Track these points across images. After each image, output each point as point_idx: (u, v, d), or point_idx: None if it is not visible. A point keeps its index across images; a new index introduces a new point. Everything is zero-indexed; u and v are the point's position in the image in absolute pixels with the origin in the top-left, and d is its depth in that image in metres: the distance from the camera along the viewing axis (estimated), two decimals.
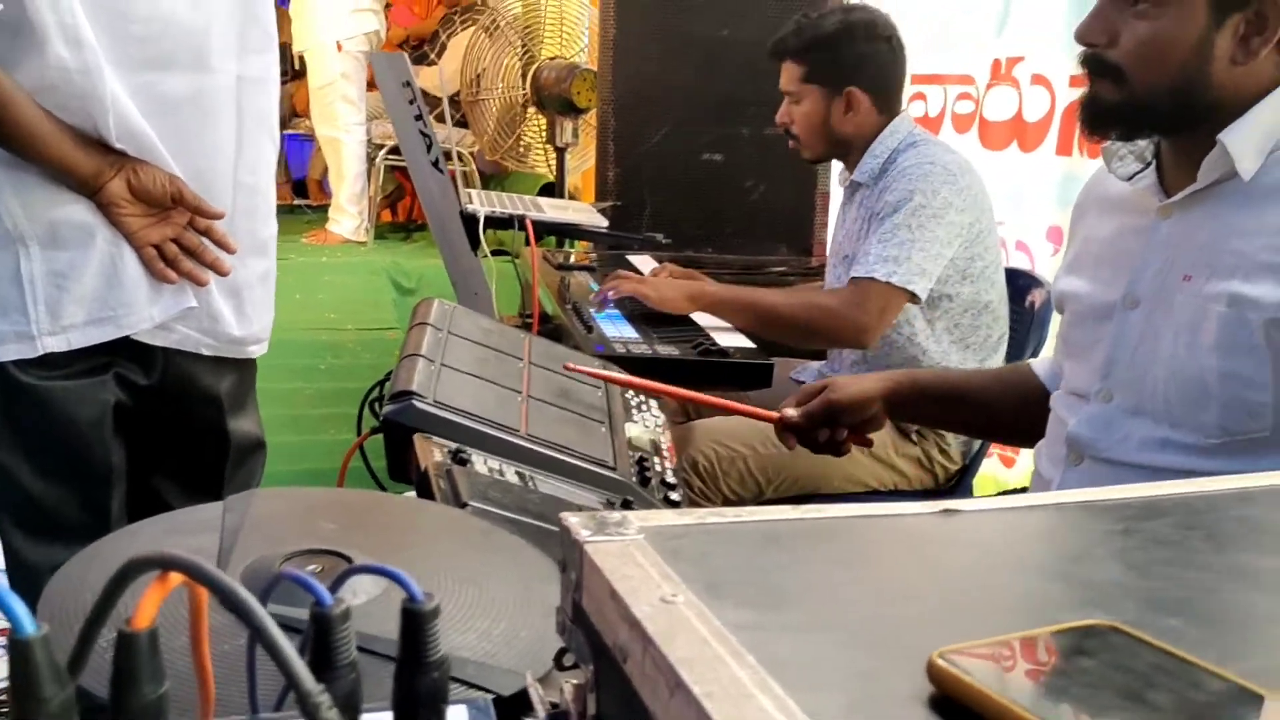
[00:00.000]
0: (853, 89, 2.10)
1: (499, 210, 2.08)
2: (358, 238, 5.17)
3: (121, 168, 1.39)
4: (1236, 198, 1.16)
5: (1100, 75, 1.19)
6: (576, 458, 1.27)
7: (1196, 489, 0.65)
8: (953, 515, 0.61)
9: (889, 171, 2.09)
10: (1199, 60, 1.14)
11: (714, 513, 0.60)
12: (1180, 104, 1.16)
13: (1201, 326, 1.16)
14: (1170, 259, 1.21)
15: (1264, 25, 1.12)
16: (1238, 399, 1.14)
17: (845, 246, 2.18)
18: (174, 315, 1.47)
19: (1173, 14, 1.13)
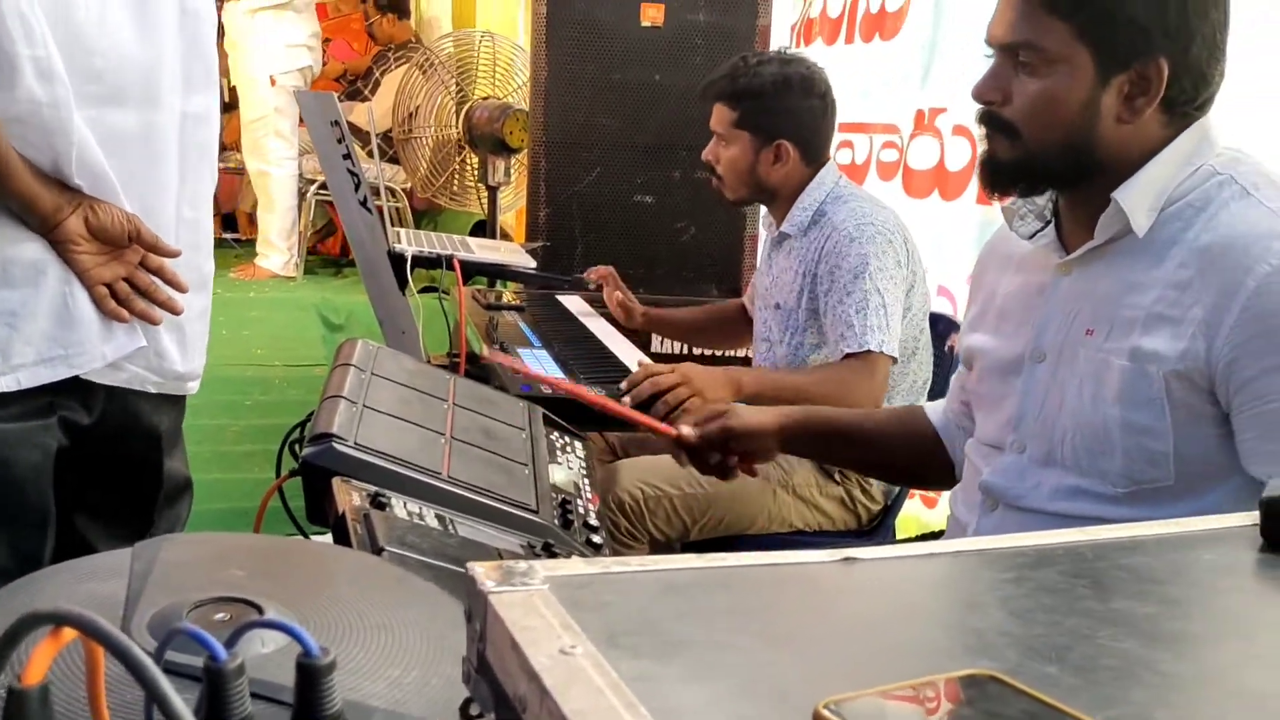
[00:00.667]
0: (783, 141, 2.13)
1: (427, 250, 2.09)
2: (287, 273, 5.12)
3: (79, 205, 1.37)
4: (1132, 253, 1.21)
5: (996, 132, 1.24)
6: (498, 500, 1.27)
7: (1087, 538, 0.68)
8: (853, 563, 0.63)
9: (819, 224, 2.12)
10: (1087, 118, 1.19)
11: (619, 562, 0.61)
12: (1071, 160, 1.21)
13: (1104, 379, 1.20)
14: (1072, 314, 1.25)
15: (1147, 86, 1.17)
16: (1140, 449, 1.18)
17: (775, 295, 2.21)
18: (125, 354, 1.45)
19: (1061, 73, 1.18)
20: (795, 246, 2.16)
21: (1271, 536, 0.66)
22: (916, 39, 2.80)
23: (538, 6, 2.91)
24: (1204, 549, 0.66)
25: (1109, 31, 1.16)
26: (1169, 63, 1.15)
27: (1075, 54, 1.17)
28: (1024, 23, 1.19)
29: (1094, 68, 1.17)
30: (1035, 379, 1.29)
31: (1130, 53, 1.16)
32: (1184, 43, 1.15)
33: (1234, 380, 1.13)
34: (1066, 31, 1.17)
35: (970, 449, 1.40)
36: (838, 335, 2.03)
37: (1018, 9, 1.19)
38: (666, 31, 2.92)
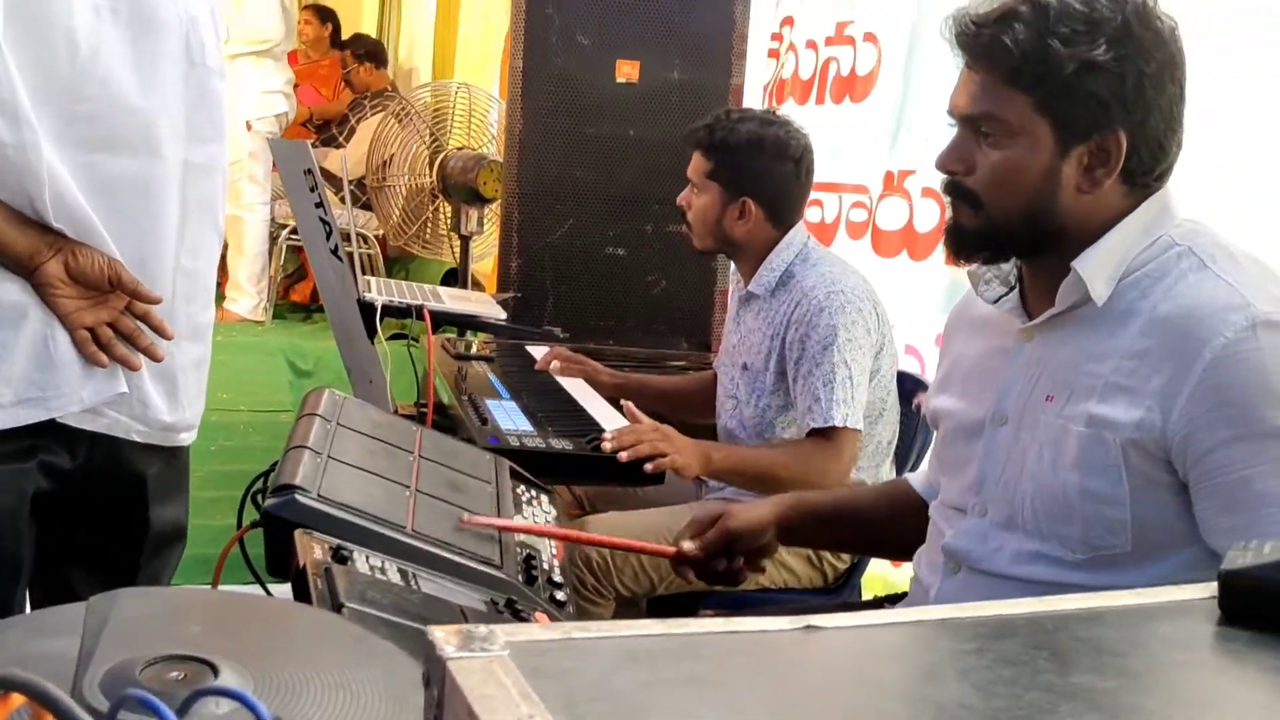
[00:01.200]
0: (748, 199, 2.14)
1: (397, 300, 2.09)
2: (255, 317, 5.10)
3: (60, 249, 1.37)
4: (1092, 321, 1.22)
5: (960, 201, 1.26)
6: (461, 555, 1.26)
7: (1048, 608, 0.68)
8: (814, 632, 0.63)
9: (788, 287, 2.13)
10: (1048, 188, 1.21)
11: (580, 627, 0.61)
12: (1032, 228, 1.23)
13: (1063, 445, 1.21)
14: (1033, 379, 1.27)
15: (1106, 158, 1.19)
16: (1098, 516, 1.19)
17: (742, 355, 2.21)
18: (105, 399, 1.44)
19: (1022, 145, 1.20)
20: (764, 307, 2.17)
21: (1230, 610, 0.67)
22: (886, 102, 2.84)
23: (514, 61, 2.94)
24: (1163, 622, 0.67)
25: (1068, 105, 1.18)
26: (1127, 135, 1.18)
27: (1035, 126, 1.19)
28: (985, 95, 1.21)
29: (1054, 139, 1.20)
30: (997, 442, 1.30)
31: (1089, 125, 1.18)
32: (1141, 115, 1.18)
33: (1191, 452, 1.14)
34: (1027, 104, 1.19)
35: (934, 511, 1.41)
36: (805, 408, 2.04)
37: (979, 82, 1.22)
38: (641, 87, 2.95)
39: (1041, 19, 1.17)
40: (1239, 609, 0.66)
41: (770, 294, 2.15)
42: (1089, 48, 1.15)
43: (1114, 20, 1.16)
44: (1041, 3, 1.17)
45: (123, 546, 1.57)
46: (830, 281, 2.07)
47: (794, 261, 2.14)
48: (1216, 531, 1.14)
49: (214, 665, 0.71)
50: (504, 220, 3.01)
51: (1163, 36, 1.18)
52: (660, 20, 2.93)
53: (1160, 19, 1.19)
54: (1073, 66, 1.16)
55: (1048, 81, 1.17)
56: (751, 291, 2.19)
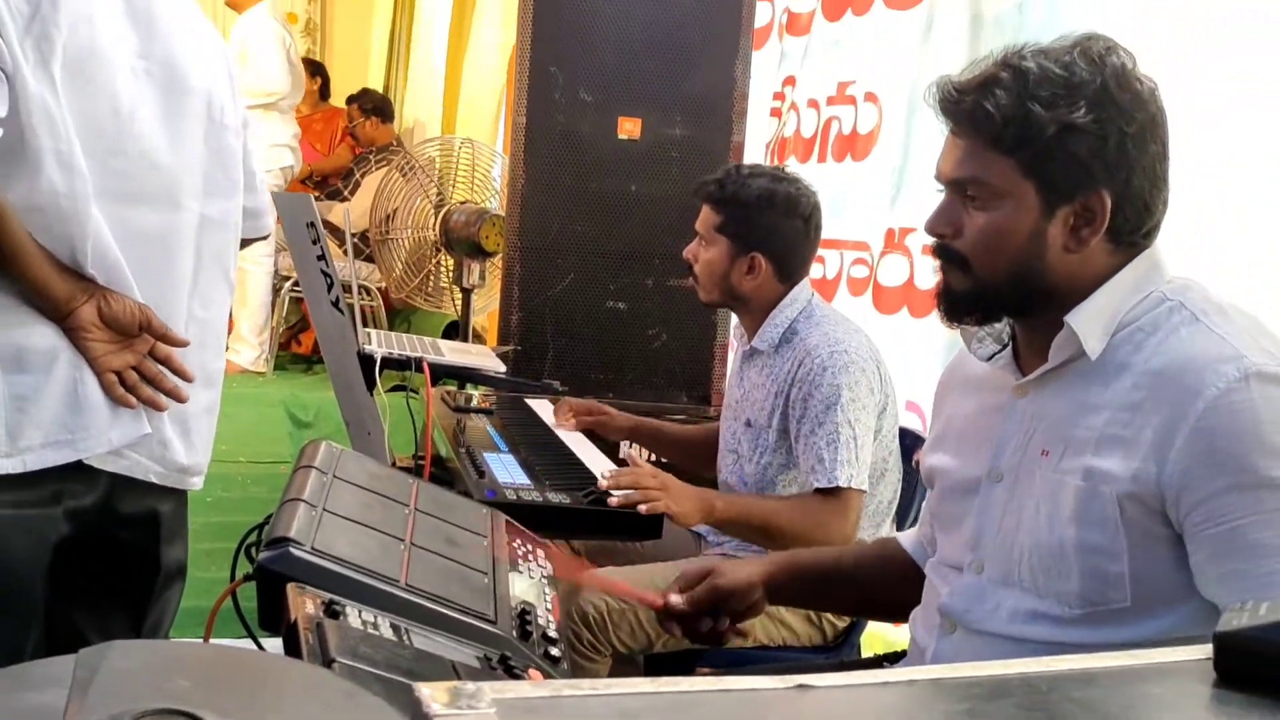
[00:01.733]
0: (757, 254, 2.14)
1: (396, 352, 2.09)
2: (257, 368, 5.10)
3: (93, 294, 1.43)
4: (1085, 376, 1.23)
5: (949, 263, 1.28)
6: (455, 610, 1.25)
7: (1042, 669, 0.68)
8: (807, 691, 0.62)
9: (791, 344, 2.13)
10: (1035, 248, 1.22)
11: (570, 684, 0.60)
12: (1021, 289, 1.24)
13: (1059, 500, 1.21)
14: (1028, 435, 1.27)
15: (1092, 218, 1.21)
16: (1096, 570, 1.19)
17: (745, 410, 2.20)
18: (130, 440, 1.49)
19: (1008, 207, 1.22)
20: (767, 363, 2.17)
21: (1225, 672, 0.66)
22: (887, 161, 2.87)
23: (518, 117, 2.97)
24: (1157, 683, 0.66)
25: (1052, 166, 1.19)
26: (1111, 195, 1.19)
27: (1020, 188, 1.21)
28: (970, 160, 1.23)
29: (1039, 201, 1.21)
30: (993, 499, 1.30)
31: (1073, 186, 1.20)
32: (1125, 175, 1.19)
33: (1185, 503, 1.14)
34: (1011, 167, 1.21)
35: (931, 570, 1.40)
36: (809, 467, 2.03)
37: (964, 147, 1.24)
38: (643, 144, 2.98)
39: (1021, 84, 1.18)
40: (1234, 671, 0.66)
41: (774, 350, 2.15)
42: (1069, 110, 1.17)
43: (1093, 83, 1.18)
44: (1021, 68, 1.19)
45: (132, 586, 1.60)
46: (834, 341, 2.07)
47: (798, 318, 2.15)
48: (1209, 581, 1.14)
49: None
50: (505, 274, 3.03)
51: (1142, 98, 1.20)
52: (662, 78, 2.97)
53: (1139, 80, 1.20)
54: (1054, 129, 1.17)
55: (1030, 144, 1.19)
56: (755, 347, 2.19)
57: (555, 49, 2.93)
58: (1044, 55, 1.20)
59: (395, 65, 7.46)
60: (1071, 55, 1.19)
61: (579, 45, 2.94)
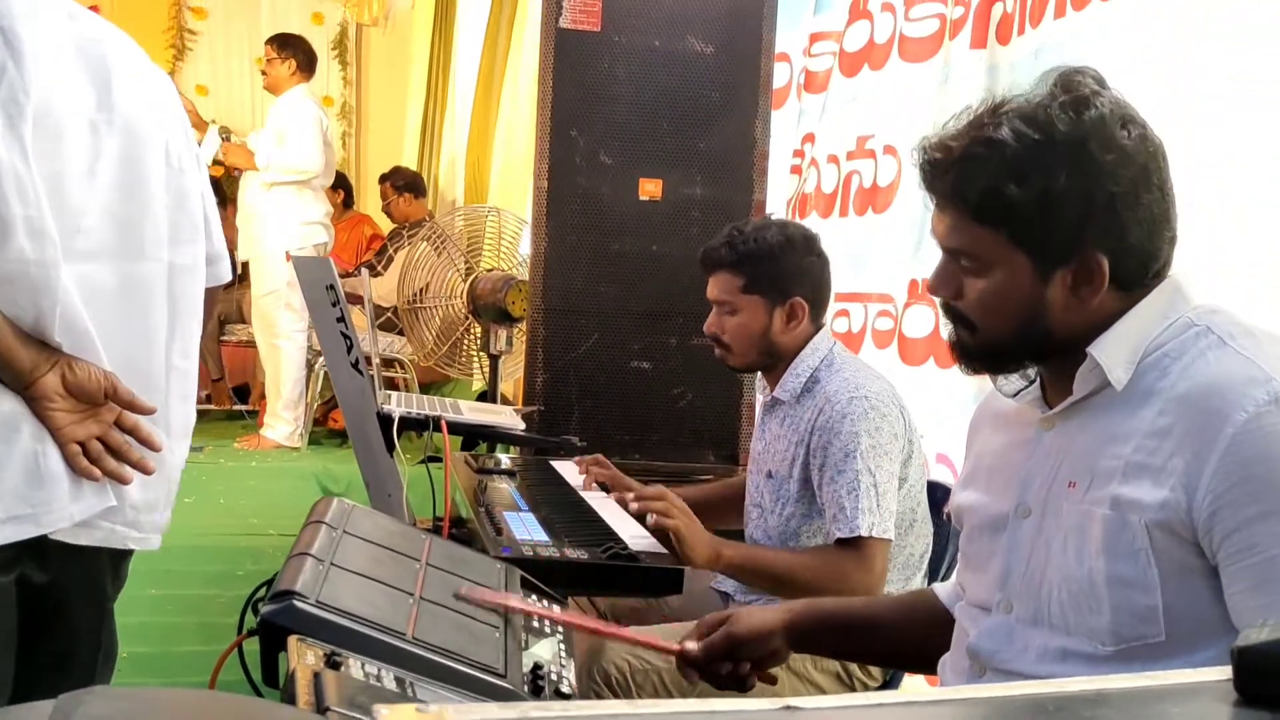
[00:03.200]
0: (797, 299, 2.12)
1: (415, 412, 2.08)
2: (291, 443, 5.12)
3: (56, 362, 1.38)
4: (1111, 405, 1.20)
5: (956, 323, 1.26)
6: (462, 663, 1.22)
7: (1051, 690, 0.64)
8: (795, 713, 0.59)
9: (813, 392, 2.10)
10: (1035, 309, 1.20)
11: (540, 706, 0.57)
12: (1030, 345, 1.23)
13: (1088, 532, 1.17)
14: (1055, 468, 1.24)
15: (1090, 277, 1.18)
16: (1127, 603, 1.14)
17: (767, 462, 2.17)
18: (94, 514, 1.43)
19: (1002, 274, 1.20)
20: (788, 414, 2.14)
21: (1245, 690, 0.62)
22: (908, 212, 2.85)
23: (539, 181, 3.00)
24: (1173, 703, 0.62)
25: (1038, 236, 1.17)
26: (1107, 254, 1.17)
27: (1010, 257, 1.19)
28: (956, 232, 1.21)
29: (1031, 268, 1.19)
30: (1021, 535, 1.26)
31: (1065, 250, 1.18)
32: (1118, 233, 1.17)
33: (1217, 532, 1.09)
34: (998, 239, 1.18)
35: (960, 612, 1.35)
36: (830, 517, 1.99)
37: (949, 219, 1.22)
38: (664, 205, 2.99)
39: (997, 157, 1.16)
40: (1255, 688, 0.61)
41: (796, 400, 2.12)
42: (1049, 181, 1.15)
43: (1073, 144, 1.15)
44: (996, 139, 1.16)
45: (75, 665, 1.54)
46: (854, 387, 2.04)
47: (819, 367, 2.12)
48: (1246, 613, 1.08)
49: None
50: (530, 336, 3.03)
51: (1129, 153, 1.16)
52: (682, 139, 2.99)
53: (1127, 129, 1.17)
54: (1034, 200, 1.15)
55: (1016, 215, 1.17)
56: (777, 398, 2.16)
57: (575, 112, 2.96)
58: (1020, 117, 1.17)
59: (429, 143, 7.60)
60: (1050, 110, 1.16)
61: (598, 108, 2.97)
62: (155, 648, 3.17)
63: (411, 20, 7.82)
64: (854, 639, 1.52)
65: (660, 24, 2.97)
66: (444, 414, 2.07)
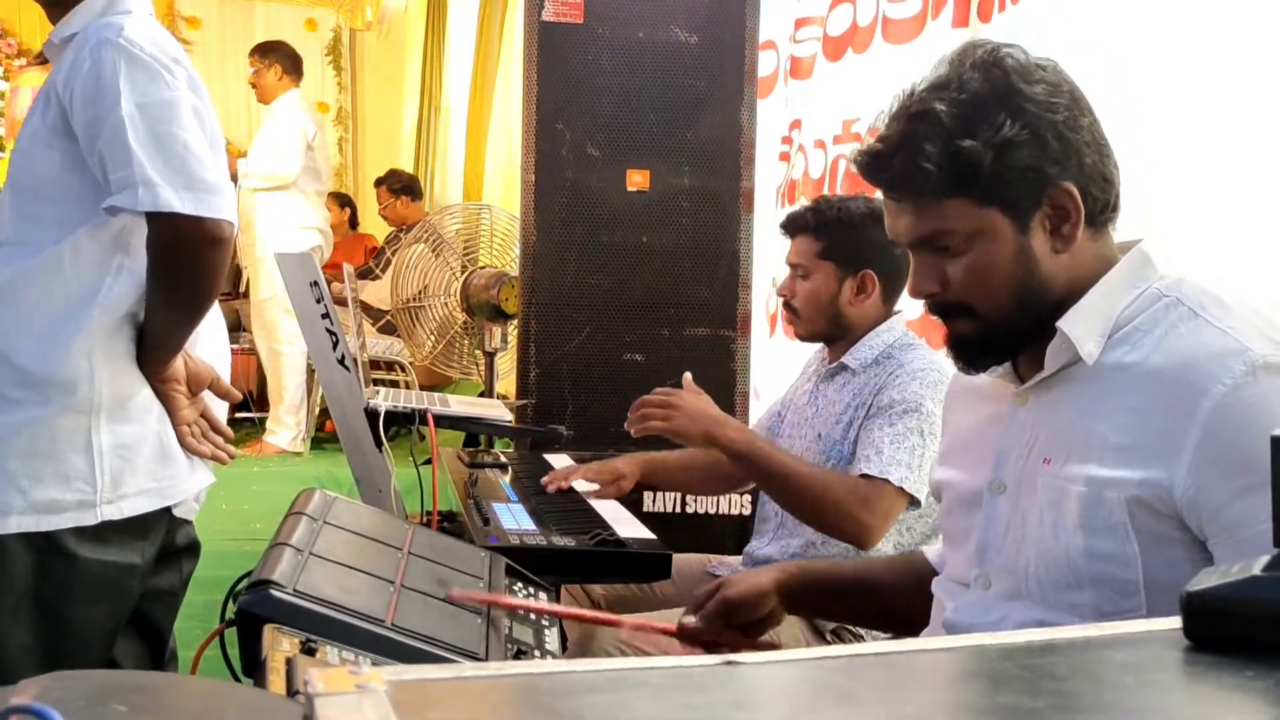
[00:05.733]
0: (868, 271, 2.10)
1: (401, 406, 2.08)
2: (294, 448, 5.13)
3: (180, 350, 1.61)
4: (1084, 379, 1.18)
5: (951, 316, 1.24)
6: (441, 648, 1.22)
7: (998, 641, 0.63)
8: (735, 667, 0.58)
9: (885, 365, 2.08)
10: (1026, 266, 1.19)
11: (478, 666, 0.57)
12: (1029, 312, 1.20)
13: (1063, 507, 1.16)
14: (1030, 443, 1.22)
15: (1066, 211, 1.17)
16: (1107, 577, 1.13)
17: (818, 425, 2.14)
18: (201, 489, 1.65)
19: (984, 241, 1.18)
20: (852, 380, 2.10)
21: (1194, 634, 0.61)
22: None
23: (526, 175, 2.99)
24: (1120, 650, 0.62)
25: (1007, 187, 1.17)
26: (1074, 183, 1.17)
27: (987, 219, 1.18)
28: (924, 217, 1.20)
29: (1009, 223, 1.18)
30: (997, 511, 1.25)
31: (1035, 194, 1.17)
32: (1076, 161, 1.17)
33: (1204, 509, 1.08)
34: (968, 205, 1.18)
35: (938, 587, 1.35)
36: (863, 455, 1.95)
37: (911, 206, 1.20)
38: (652, 195, 2.98)
39: (939, 128, 1.15)
40: (1204, 633, 0.61)
41: (864, 368, 2.09)
42: (995, 130, 1.14)
43: (1002, 92, 1.15)
44: (932, 112, 1.16)
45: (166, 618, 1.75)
46: (931, 362, 2.03)
47: (895, 344, 2.10)
48: None
49: None
50: (521, 330, 3.02)
51: (1052, 82, 1.17)
52: (668, 129, 2.98)
53: (1041, 67, 1.17)
54: (991, 154, 1.15)
55: (977, 178, 1.16)
56: (844, 364, 2.13)
57: (560, 106, 2.96)
58: (942, 89, 1.16)
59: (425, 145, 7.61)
60: (967, 75, 1.16)
61: (584, 101, 2.97)
62: None
63: (405, 24, 7.83)
64: (847, 601, 1.51)
65: (644, 14, 2.96)
66: (431, 408, 2.07)
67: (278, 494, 4.39)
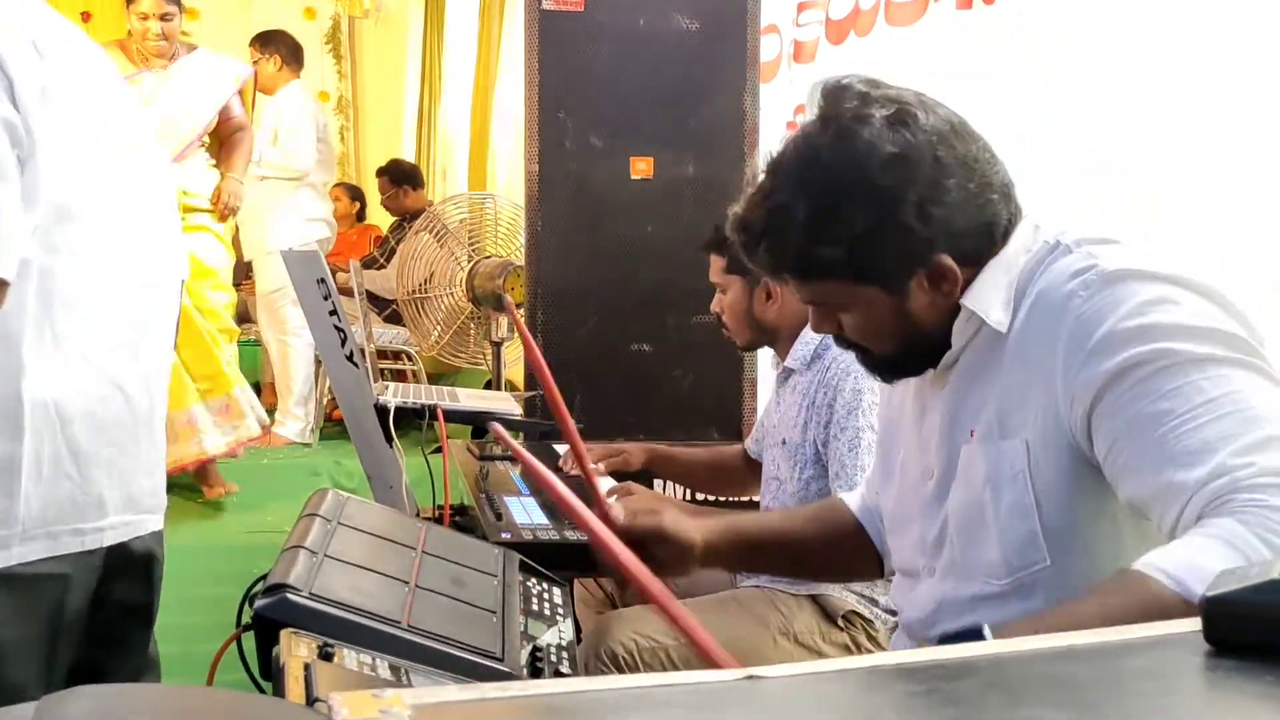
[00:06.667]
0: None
1: (411, 401, 2.09)
2: (303, 440, 5.13)
3: None
4: (996, 349, 1.21)
5: (854, 349, 1.30)
6: (458, 648, 1.22)
7: (1016, 648, 0.63)
8: (757, 681, 0.59)
9: (823, 357, 2.11)
10: (908, 320, 1.23)
11: (500, 687, 0.57)
12: (921, 349, 1.26)
13: (973, 467, 1.21)
14: (950, 422, 1.26)
15: (942, 274, 1.19)
16: (1010, 531, 1.17)
17: (782, 431, 2.17)
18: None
19: (861, 308, 1.23)
20: (799, 381, 2.14)
21: (1214, 639, 0.61)
22: None
23: (530, 166, 2.99)
24: (1140, 656, 0.62)
25: (872, 271, 1.19)
26: (947, 251, 1.18)
27: (859, 293, 1.21)
28: (801, 289, 1.25)
29: (884, 294, 1.21)
30: (928, 496, 1.29)
31: (905, 268, 1.19)
32: (944, 229, 1.17)
33: (1078, 415, 1.11)
34: (838, 285, 1.21)
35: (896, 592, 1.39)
36: (833, 475, 2.01)
37: (789, 281, 1.25)
38: (656, 184, 2.97)
39: (794, 223, 1.17)
40: (1225, 636, 0.61)
41: (806, 367, 2.13)
42: (849, 227, 1.16)
43: (857, 181, 1.15)
44: (784, 204, 1.17)
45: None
46: None
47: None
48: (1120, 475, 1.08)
49: None
50: (527, 321, 3.02)
51: (911, 158, 1.15)
52: (671, 117, 2.97)
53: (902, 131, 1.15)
54: (847, 251, 1.17)
55: (838, 267, 1.18)
56: (788, 367, 2.17)
57: (562, 95, 2.95)
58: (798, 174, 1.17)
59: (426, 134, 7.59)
60: (821, 154, 1.16)
61: (586, 89, 2.96)
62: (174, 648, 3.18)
63: (403, 11, 7.80)
64: (768, 554, 1.57)
65: (644, 1, 2.95)
66: (440, 402, 2.07)
67: (289, 487, 4.41)
